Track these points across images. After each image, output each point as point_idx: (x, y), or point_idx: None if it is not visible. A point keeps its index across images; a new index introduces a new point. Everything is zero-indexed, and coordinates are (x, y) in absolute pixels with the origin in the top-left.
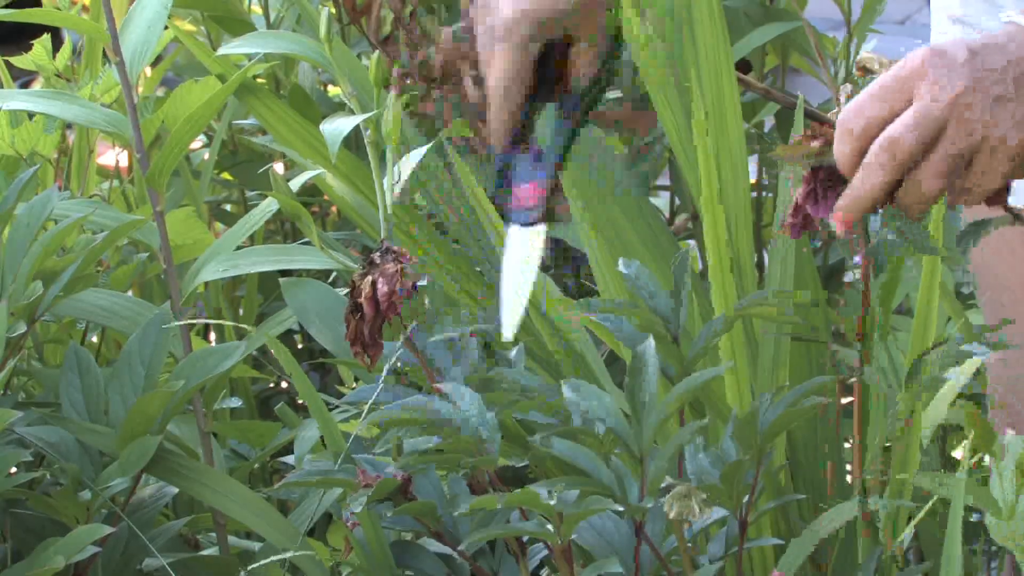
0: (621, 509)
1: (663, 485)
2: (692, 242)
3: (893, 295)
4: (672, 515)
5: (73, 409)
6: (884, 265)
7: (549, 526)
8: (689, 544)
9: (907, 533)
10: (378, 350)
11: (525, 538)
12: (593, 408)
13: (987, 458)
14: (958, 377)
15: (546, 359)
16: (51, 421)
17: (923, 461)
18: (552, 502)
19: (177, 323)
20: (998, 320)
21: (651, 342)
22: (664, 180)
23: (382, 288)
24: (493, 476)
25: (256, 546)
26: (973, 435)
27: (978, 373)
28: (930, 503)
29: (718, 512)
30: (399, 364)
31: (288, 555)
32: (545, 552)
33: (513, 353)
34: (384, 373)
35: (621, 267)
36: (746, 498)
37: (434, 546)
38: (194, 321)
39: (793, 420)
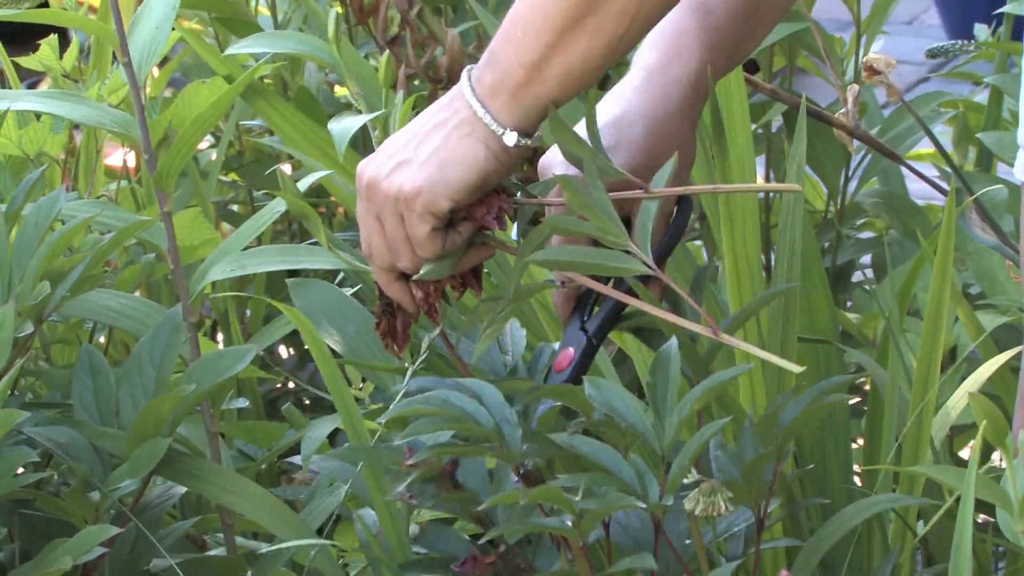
0: (643, 506)
1: (688, 481)
2: (699, 242)
3: (908, 297)
4: (698, 511)
5: (84, 411)
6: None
7: (570, 523)
8: (710, 545)
9: (922, 533)
10: (407, 342)
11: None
12: (614, 405)
13: (995, 457)
14: (972, 380)
15: None
16: (63, 423)
17: (933, 461)
18: (576, 498)
19: (184, 297)
20: None
21: (675, 341)
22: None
23: (417, 293)
24: (519, 472)
25: (264, 546)
26: (984, 427)
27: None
28: (946, 506)
29: (745, 513)
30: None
31: (312, 543)
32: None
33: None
34: (416, 366)
35: None
36: (764, 498)
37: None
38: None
39: (814, 417)
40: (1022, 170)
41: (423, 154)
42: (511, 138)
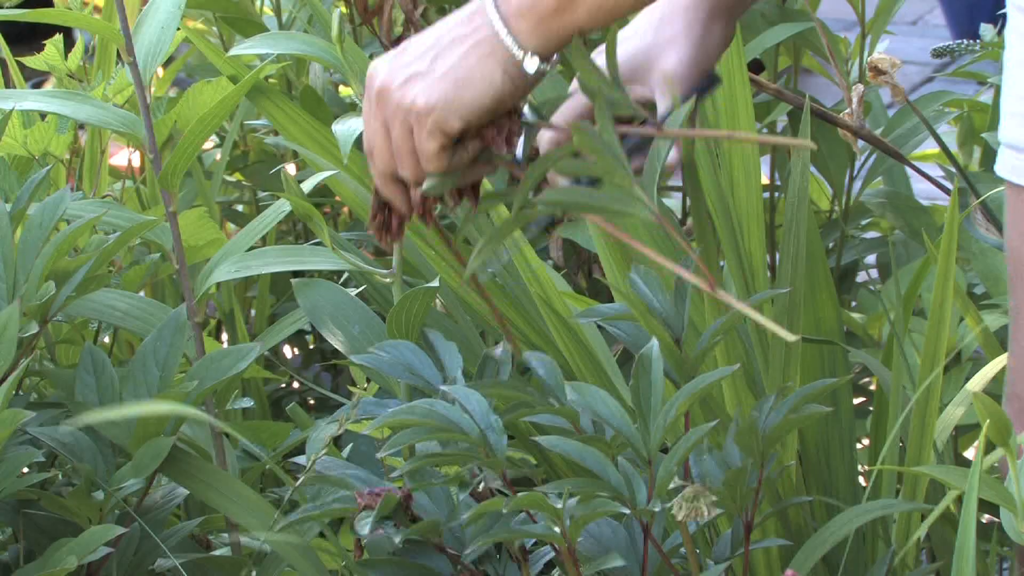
0: (626, 512)
1: (672, 487)
2: None
3: (914, 297)
4: (680, 516)
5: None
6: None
7: (556, 528)
8: (697, 550)
9: (921, 532)
10: (401, 236)
11: (528, 543)
12: (598, 410)
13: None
14: (976, 380)
15: (557, 357)
16: (65, 419)
17: (936, 461)
18: (559, 505)
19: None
20: None
21: (655, 344)
22: (676, 180)
23: (415, 196)
24: (505, 480)
25: (268, 547)
26: (987, 427)
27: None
28: (944, 503)
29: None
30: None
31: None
32: (550, 556)
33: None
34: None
35: (632, 273)
36: (749, 504)
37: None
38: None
39: (794, 426)
40: (1003, 167)
41: (440, 69)
42: (532, 64)
